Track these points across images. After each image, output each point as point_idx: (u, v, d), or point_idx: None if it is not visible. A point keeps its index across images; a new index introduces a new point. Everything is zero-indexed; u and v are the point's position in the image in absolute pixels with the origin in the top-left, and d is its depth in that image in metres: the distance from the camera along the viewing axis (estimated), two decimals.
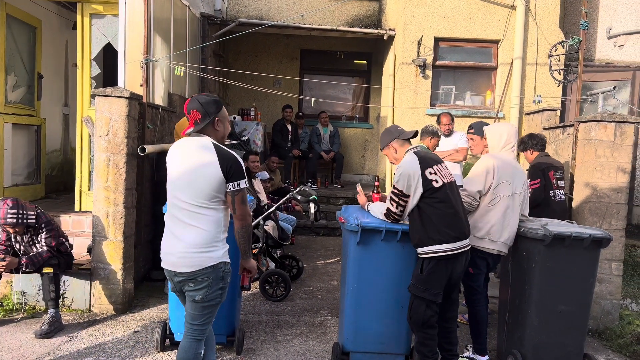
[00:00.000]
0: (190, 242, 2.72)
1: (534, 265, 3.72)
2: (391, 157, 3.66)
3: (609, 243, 3.73)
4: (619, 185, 4.84)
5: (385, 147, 3.66)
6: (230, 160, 2.74)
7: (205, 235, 2.74)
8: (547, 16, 7.76)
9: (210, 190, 2.72)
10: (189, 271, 2.73)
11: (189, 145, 2.81)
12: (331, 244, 7.56)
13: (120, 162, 4.60)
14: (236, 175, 2.74)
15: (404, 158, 3.52)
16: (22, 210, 4.02)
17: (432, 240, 3.34)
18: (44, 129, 6.64)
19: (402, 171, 3.43)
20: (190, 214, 2.74)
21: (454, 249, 3.37)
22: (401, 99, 7.87)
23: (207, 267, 2.73)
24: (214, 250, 2.75)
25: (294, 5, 9.55)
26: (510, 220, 3.80)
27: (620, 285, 4.99)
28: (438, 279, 3.39)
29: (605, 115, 4.85)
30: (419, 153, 3.51)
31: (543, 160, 4.91)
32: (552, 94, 7.71)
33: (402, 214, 3.48)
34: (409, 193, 3.40)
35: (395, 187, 3.45)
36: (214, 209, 2.76)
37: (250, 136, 8.57)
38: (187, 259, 2.72)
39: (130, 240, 4.79)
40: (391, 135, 3.62)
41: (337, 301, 5.13)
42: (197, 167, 2.73)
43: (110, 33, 5.68)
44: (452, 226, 3.38)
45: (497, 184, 3.76)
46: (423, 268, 3.39)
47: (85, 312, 4.64)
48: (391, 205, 3.50)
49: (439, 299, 3.40)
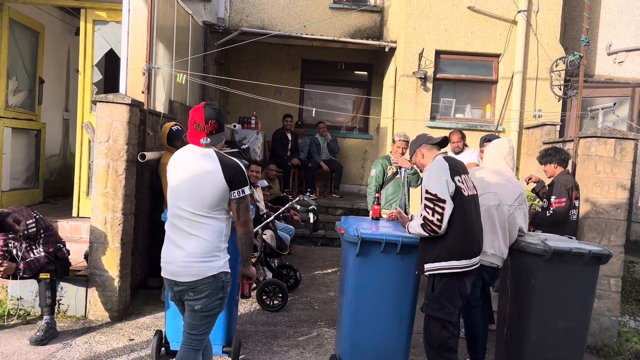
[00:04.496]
0: (191, 252, 2.71)
1: (533, 280, 3.71)
2: (419, 164, 3.57)
3: (609, 259, 3.73)
4: (619, 202, 4.85)
5: (414, 155, 3.57)
6: (234, 168, 2.74)
7: (207, 244, 2.73)
8: (547, 31, 7.81)
9: (214, 199, 2.71)
10: (189, 280, 2.71)
11: (191, 153, 2.80)
12: (329, 254, 7.54)
13: (119, 169, 4.58)
14: (240, 182, 2.74)
15: (433, 161, 3.41)
16: (23, 223, 3.99)
17: (452, 255, 3.19)
18: (43, 133, 6.63)
19: (430, 172, 3.28)
20: (192, 223, 2.72)
21: (471, 265, 3.27)
22: (401, 111, 7.89)
23: (208, 276, 2.71)
24: (215, 259, 2.74)
25: (296, 16, 9.60)
26: (500, 232, 3.72)
27: (619, 301, 4.97)
28: (451, 296, 3.26)
29: (606, 132, 4.86)
30: (449, 159, 3.39)
31: (569, 179, 4.85)
32: (552, 108, 7.74)
33: (440, 223, 3.14)
34: (444, 197, 3.15)
35: (428, 192, 3.22)
36: (215, 219, 2.75)
37: (250, 145, 8.57)
38: (187, 268, 2.71)
39: (127, 247, 4.76)
40: (419, 141, 3.56)
41: (334, 312, 5.10)
42: (200, 175, 2.72)
43: (113, 39, 5.70)
44: (474, 240, 3.28)
45: (481, 193, 3.64)
46: (435, 286, 3.28)
47: (81, 319, 4.60)
48: (427, 214, 3.18)
49: (454, 318, 3.28)
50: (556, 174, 4.96)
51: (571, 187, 4.79)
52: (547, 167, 5.04)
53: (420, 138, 3.62)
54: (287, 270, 5.81)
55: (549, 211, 4.78)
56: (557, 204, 4.72)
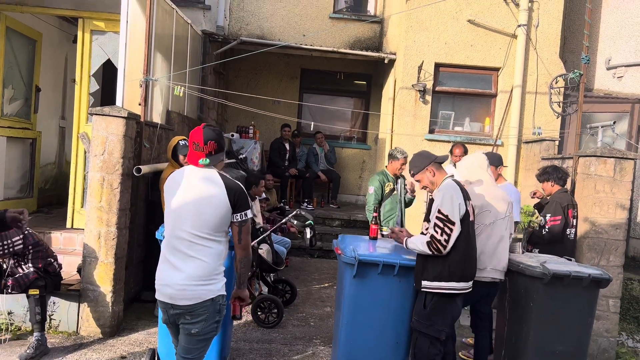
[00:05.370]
0: (190, 274, 2.66)
1: (532, 303, 3.66)
2: (426, 182, 3.50)
3: (608, 284, 3.68)
4: (618, 222, 4.81)
5: (421, 171, 3.49)
6: (237, 191, 2.72)
7: (206, 267, 2.68)
8: (547, 46, 7.80)
9: (216, 221, 2.68)
10: (188, 304, 2.66)
11: (193, 175, 2.75)
12: (325, 267, 7.48)
13: (114, 182, 4.52)
14: (243, 205, 2.73)
15: (446, 182, 3.40)
16: (7, 240, 3.90)
17: (453, 276, 3.26)
18: (39, 142, 6.56)
19: (445, 194, 3.29)
20: (192, 245, 2.68)
21: (467, 288, 3.36)
22: (400, 123, 7.86)
23: (206, 300, 2.67)
24: (213, 283, 2.70)
25: (295, 25, 9.58)
26: (499, 246, 3.80)
27: (617, 322, 4.94)
28: (442, 314, 3.33)
29: (605, 151, 4.84)
30: (458, 182, 3.45)
31: (565, 197, 4.82)
32: (550, 123, 7.72)
33: (447, 243, 3.23)
34: (454, 220, 3.22)
35: (440, 212, 3.26)
36: (216, 241, 2.72)
37: (247, 154, 8.53)
38: (186, 292, 2.65)
39: (121, 261, 4.70)
40: (428, 158, 3.50)
41: (330, 329, 5.04)
42: (204, 197, 2.68)
43: (111, 49, 5.65)
44: (473, 264, 3.37)
45: (479, 212, 3.73)
46: (426, 303, 3.32)
47: (72, 334, 4.52)
48: (435, 233, 3.25)
49: (442, 336, 3.33)
50: (553, 192, 4.94)
51: (567, 205, 4.75)
52: (545, 185, 5.02)
53: (427, 155, 3.56)
54: (283, 284, 5.74)
55: (545, 229, 4.75)
56: (552, 222, 4.70)
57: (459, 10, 7.73)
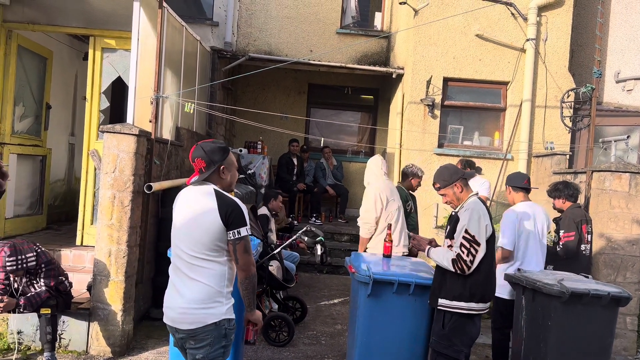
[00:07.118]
0: (190, 298, 2.56)
1: (550, 322, 3.59)
2: (452, 197, 3.38)
3: (628, 302, 3.60)
4: (634, 237, 4.74)
5: (449, 186, 3.36)
6: (230, 206, 2.58)
7: (207, 290, 2.57)
8: (556, 60, 7.78)
9: (210, 240, 2.56)
10: (189, 328, 2.57)
11: (191, 193, 2.70)
12: (335, 283, 7.41)
13: (125, 200, 4.51)
14: (236, 222, 2.56)
15: (472, 200, 3.32)
16: (21, 255, 3.88)
17: (473, 297, 3.21)
18: (49, 159, 6.58)
19: (472, 214, 3.22)
20: (191, 266, 2.59)
21: (486, 309, 3.33)
22: (409, 137, 7.84)
23: (209, 324, 2.55)
24: (216, 306, 2.58)
25: (303, 40, 9.63)
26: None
27: (635, 340, 4.84)
28: (461, 335, 3.27)
29: (620, 166, 4.79)
30: (483, 201, 3.39)
31: (578, 213, 4.75)
32: (561, 137, 7.67)
33: (472, 264, 3.18)
34: (480, 241, 3.18)
35: (467, 232, 3.20)
36: (215, 262, 2.60)
37: (256, 170, 8.51)
38: (187, 315, 2.57)
39: (132, 279, 4.66)
40: (457, 173, 3.38)
41: (341, 347, 4.97)
42: (197, 215, 2.59)
43: (121, 67, 5.67)
44: (492, 285, 3.36)
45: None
46: (445, 323, 3.26)
47: (82, 354, 4.47)
48: (462, 252, 3.20)
49: (461, 357, 3.26)
50: (565, 208, 4.88)
51: (580, 221, 4.68)
52: (556, 202, 4.97)
53: (456, 170, 3.43)
54: (293, 302, 5.68)
55: (559, 246, 4.68)
56: (566, 238, 4.63)
57: (467, 25, 7.74)
